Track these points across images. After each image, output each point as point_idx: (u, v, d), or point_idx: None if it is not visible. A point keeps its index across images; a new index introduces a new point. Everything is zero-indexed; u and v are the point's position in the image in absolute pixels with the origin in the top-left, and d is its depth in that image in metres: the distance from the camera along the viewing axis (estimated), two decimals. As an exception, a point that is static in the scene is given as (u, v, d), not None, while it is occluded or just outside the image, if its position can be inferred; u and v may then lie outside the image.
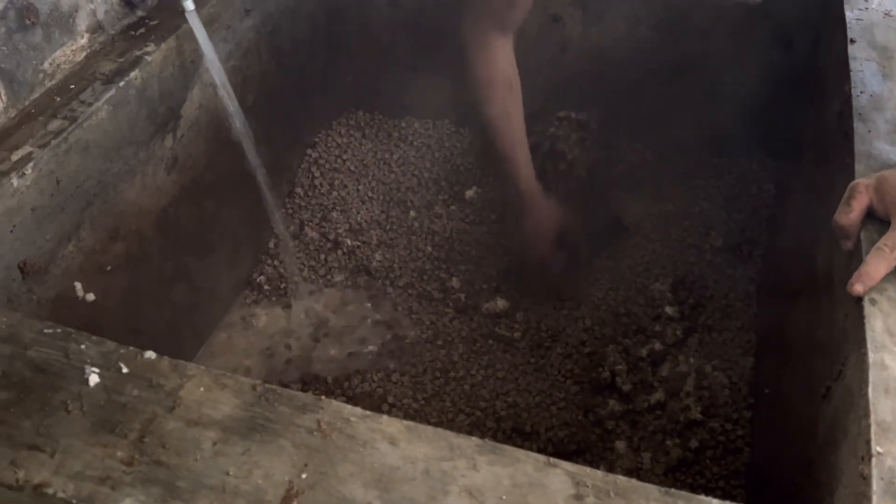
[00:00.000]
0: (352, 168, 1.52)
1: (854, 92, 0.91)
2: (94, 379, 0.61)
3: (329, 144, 1.54)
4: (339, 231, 1.40)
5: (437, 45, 1.50)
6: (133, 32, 1.00)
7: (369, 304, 1.29)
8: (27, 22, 0.86)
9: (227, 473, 0.55)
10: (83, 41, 0.95)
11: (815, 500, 0.66)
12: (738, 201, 1.43)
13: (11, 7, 0.84)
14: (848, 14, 1.04)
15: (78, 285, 0.90)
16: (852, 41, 0.99)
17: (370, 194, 1.47)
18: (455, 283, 1.33)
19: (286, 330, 1.25)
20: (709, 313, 1.29)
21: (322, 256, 1.37)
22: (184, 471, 0.55)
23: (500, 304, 1.26)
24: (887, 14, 1.03)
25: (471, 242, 1.40)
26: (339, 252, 1.37)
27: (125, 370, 0.62)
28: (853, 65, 0.95)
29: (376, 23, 1.50)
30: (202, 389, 0.61)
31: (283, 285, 1.32)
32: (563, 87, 1.48)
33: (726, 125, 1.42)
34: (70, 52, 0.93)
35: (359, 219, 1.42)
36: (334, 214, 1.42)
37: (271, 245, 1.36)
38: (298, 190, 1.45)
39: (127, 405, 0.60)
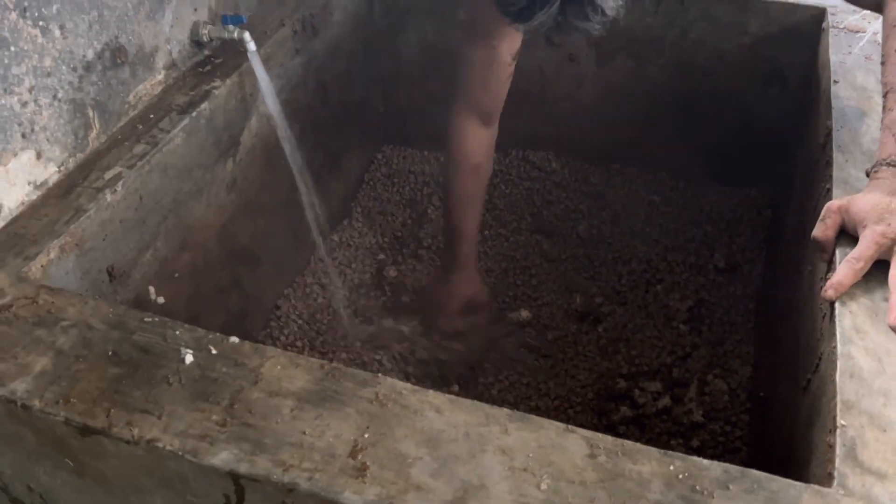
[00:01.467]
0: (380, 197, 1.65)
1: (835, 126, 1.03)
2: (189, 358, 0.74)
3: (364, 174, 1.68)
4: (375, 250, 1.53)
5: (462, 81, 1.64)
6: (201, 69, 1.14)
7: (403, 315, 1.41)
8: (118, 61, 1.00)
9: (304, 433, 0.67)
10: (160, 77, 1.09)
11: (795, 476, 0.77)
12: (739, 225, 1.55)
13: (108, 49, 0.98)
14: (833, 58, 1.17)
15: (152, 289, 1.03)
16: (836, 82, 1.12)
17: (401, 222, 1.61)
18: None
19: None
20: (713, 328, 1.40)
21: (356, 275, 1.50)
22: (268, 431, 0.67)
23: (524, 314, 1.39)
24: (867, 58, 1.16)
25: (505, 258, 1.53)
26: (378, 277, 1.51)
27: (214, 351, 0.75)
28: (835, 103, 1.07)
29: (408, 60, 1.64)
30: (279, 367, 0.73)
31: (321, 298, 1.45)
32: (578, 118, 1.61)
33: (729, 155, 1.55)
34: (150, 86, 1.07)
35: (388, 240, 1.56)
36: (367, 237, 1.56)
37: (312, 260, 1.49)
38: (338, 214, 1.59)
39: (218, 379, 0.72)
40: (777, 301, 1.22)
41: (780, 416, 0.97)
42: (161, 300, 1.05)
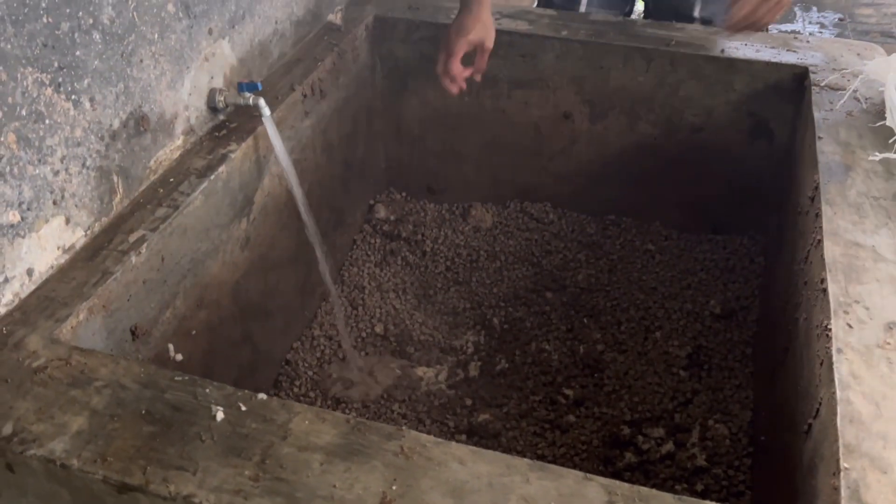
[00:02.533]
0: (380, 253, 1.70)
1: (822, 180, 1.09)
2: (220, 415, 0.77)
3: (363, 231, 1.73)
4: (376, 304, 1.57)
5: (459, 138, 1.71)
6: (217, 133, 1.19)
7: (411, 366, 1.44)
8: (141, 129, 1.05)
9: (334, 486, 0.70)
10: (179, 142, 1.14)
11: (801, 518, 0.81)
12: (733, 273, 1.60)
13: (132, 118, 1.03)
14: (816, 114, 1.24)
15: (171, 346, 1.06)
16: (820, 137, 1.18)
17: (403, 278, 1.65)
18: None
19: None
20: (712, 373, 1.44)
21: (362, 325, 1.53)
22: (300, 485, 0.70)
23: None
24: (849, 114, 1.23)
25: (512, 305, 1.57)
26: (377, 326, 1.54)
27: (244, 408, 0.78)
28: (821, 157, 1.13)
29: (407, 118, 1.70)
30: (307, 423, 0.76)
31: (329, 350, 1.48)
32: (574, 172, 1.67)
33: (720, 206, 1.62)
34: (169, 151, 1.12)
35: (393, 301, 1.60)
36: (367, 294, 1.60)
37: (319, 313, 1.53)
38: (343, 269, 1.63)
39: (248, 435, 0.75)
40: (773, 347, 1.26)
41: (783, 460, 1.00)
42: (179, 357, 1.08)
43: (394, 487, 0.70)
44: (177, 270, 1.06)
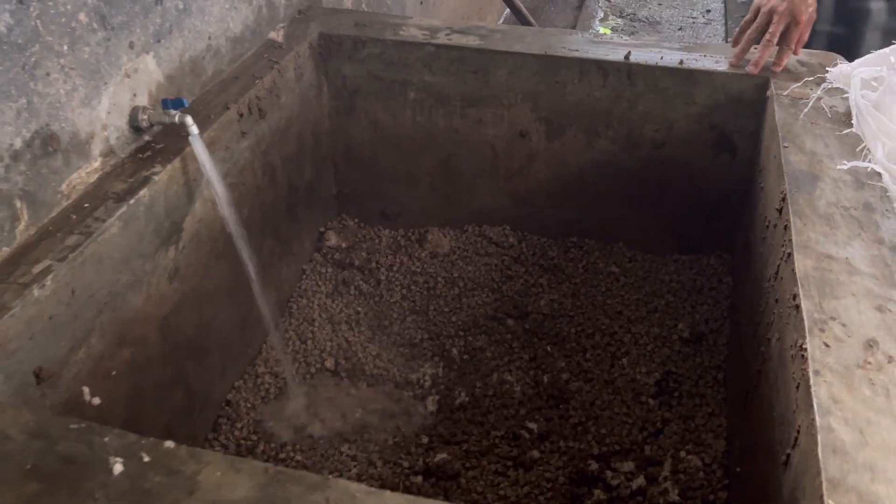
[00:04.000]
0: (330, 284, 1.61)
1: (790, 190, 1.03)
2: (118, 468, 0.66)
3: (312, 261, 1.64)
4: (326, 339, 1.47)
5: (412, 160, 1.63)
6: (141, 155, 1.10)
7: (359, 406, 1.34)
8: (49, 149, 0.95)
9: (246, 549, 0.60)
10: (97, 164, 1.04)
11: (784, 560, 0.72)
12: (701, 294, 1.53)
13: (38, 136, 0.93)
14: (780, 123, 1.18)
15: (86, 389, 0.96)
16: (785, 147, 1.12)
17: (356, 308, 1.55)
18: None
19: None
20: (682, 401, 1.36)
21: (311, 360, 1.43)
22: (206, 549, 0.60)
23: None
24: (813, 123, 1.17)
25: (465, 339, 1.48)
26: (327, 359, 1.44)
27: (147, 459, 0.67)
28: (787, 168, 1.07)
29: (357, 139, 1.62)
30: (219, 473, 0.66)
31: (274, 388, 1.37)
32: (532, 193, 1.60)
33: (684, 224, 1.55)
34: (85, 174, 1.02)
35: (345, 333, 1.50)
36: (317, 327, 1.50)
37: (263, 348, 1.42)
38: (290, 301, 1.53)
39: (150, 491, 0.65)
40: (746, 371, 1.19)
41: (761, 494, 0.92)
42: (97, 401, 0.97)
43: (316, 548, 0.60)
44: (91, 304, 0.96)
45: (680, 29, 3.60)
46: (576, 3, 3.86)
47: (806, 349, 0.79)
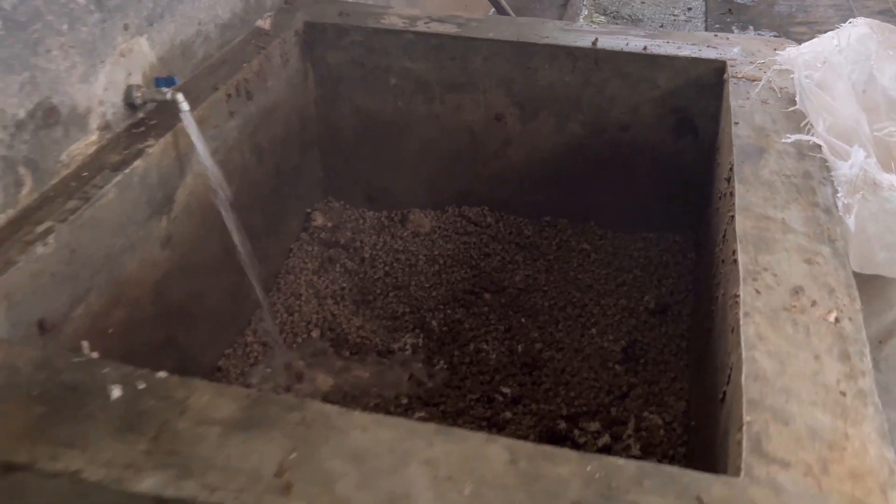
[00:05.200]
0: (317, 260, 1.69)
1: (737, 162, 1.11)
2: (116, 393, 0.74)
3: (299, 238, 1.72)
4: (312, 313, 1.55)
5: (394, 144, 1.71)
6: (135, 130, 1.18)
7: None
8: (50, 121, 1.03)
9: (230, 457, 0.68)
10: (94, 137, 1.12)
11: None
12: (667, 269, 1.62)
13: (40, 108, 1.01)
14: (733, 103, 1.27)
15: (85, 344, 1.03)
16: (736, 123, 1.20)
17: (342, 284, 1.63)
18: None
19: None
20: (647, 367, 1.44)
21: (297, 331, 1.51)
22: (194, 457, 0.68)
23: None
24: (764, 102, 1.26)
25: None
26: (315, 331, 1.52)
27: (142, 386, 0.75)
28: (736, 141, 1.16)
29: (341, 125, 1.70)
30: (207, 397, 0.74)
31: (262, 356, 1.45)
32: (508, 175, 1.68)
33: (651, 203, 1.63)
34: (83, 145, 1.10)
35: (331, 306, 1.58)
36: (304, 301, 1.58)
37: (252, 320, 1.50)
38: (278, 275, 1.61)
39: (145, 412, 0.73)
40: (701, 333, 1.27)
41: (707, 437, 1.00)
42: (95, 355, 1.05)
43: (292, 456, 0.68)
44: (89, 265, 1.03)
45: (661, 26, 3.69)
46: (560, 1, 3.95)
47: (739, 296, 0.87)
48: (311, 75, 1.64)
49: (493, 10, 3.38)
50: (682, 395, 1.38)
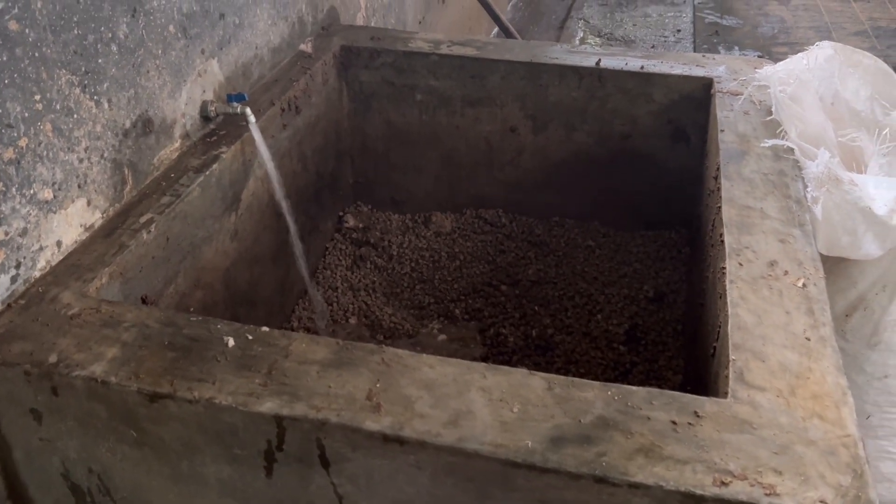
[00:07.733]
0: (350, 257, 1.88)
1: (723, 163, 1.31)
2: (231, 342, 0.93)
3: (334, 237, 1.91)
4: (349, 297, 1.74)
5: (419, 154, 1.91)
6: (209, 139, 1.37)
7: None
8: (147, 130, 1.23)
9: (329, 387, 0.87)
10: (177, 144, 1.31)
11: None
12: (663, 262, 1.82)
13: (140, 119, 1.20)
14: (719, 114, 1.47)
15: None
16: (722, 131, 1.41)
17: (372, 279, 1.83)
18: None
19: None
20: (648, 347, 1.64)
21: (337, 317, 1.70)
22: (301, 387, 0.87)
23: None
24: (746, 113, 1.46)
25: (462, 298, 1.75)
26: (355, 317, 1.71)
27: (250, 337, 0.94)
28: (722, 146, 1.36)
29: (371, 136, 1.90)
30: (304, 345, 0.93)
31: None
32: (521, 180, 1.88)
33: (649, 204, 1.84)
34: (169, 151, 1.30)
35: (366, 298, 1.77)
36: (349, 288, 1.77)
37: (297, 308, 1.69)
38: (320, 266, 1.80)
39: (256, 356, 0.91)
40: (696, 312, 1.47)
41: (699, 390, 1.19)
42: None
43: (378, 385, 0.87)
44: (178, 251, 1.22)
45: (653, 47, 3.92)
46: (557, 24, 4.18)
47: (725, 268, 1.07)
48: (346, 92, 1.84)
49: (495, 30, 3.60)
50: (678, 370, 1.57)
